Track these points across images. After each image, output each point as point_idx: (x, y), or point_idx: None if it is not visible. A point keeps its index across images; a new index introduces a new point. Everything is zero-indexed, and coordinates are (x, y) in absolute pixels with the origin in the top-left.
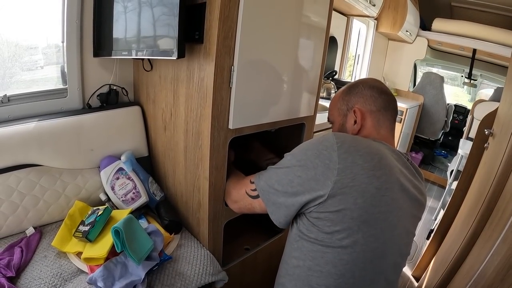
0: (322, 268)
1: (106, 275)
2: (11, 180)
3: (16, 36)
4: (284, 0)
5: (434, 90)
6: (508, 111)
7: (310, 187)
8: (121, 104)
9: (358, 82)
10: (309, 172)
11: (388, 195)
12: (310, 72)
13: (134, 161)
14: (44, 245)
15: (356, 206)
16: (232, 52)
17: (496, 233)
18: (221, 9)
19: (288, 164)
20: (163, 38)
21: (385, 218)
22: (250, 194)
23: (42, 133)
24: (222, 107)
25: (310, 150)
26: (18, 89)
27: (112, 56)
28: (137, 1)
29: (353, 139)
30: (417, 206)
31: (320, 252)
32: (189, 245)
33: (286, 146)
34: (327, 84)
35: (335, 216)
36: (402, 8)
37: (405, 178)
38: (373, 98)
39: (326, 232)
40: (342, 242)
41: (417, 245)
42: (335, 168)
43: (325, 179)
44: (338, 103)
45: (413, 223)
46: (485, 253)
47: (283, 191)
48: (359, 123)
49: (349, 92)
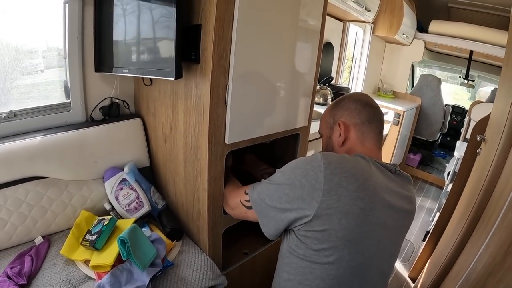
0: (311, 283)
1: (113, 281)
2: (19, 192)
3: (16, 41)
4: (277, 16)
5: (431, 92)
6: (499, 118)
7: (297, 205)
8: (123, 117)
9: (344, 96)
10: (296, 191)
11: (372, 214)
12: (303, 84)
13: (136, 172)
14: (52, 253)
15: (341, 227)
16: (227, 72)
17: (482, 240)
18: (216, 31)
19: (278, 181)
20: (161, 59)
21: (369, 236)
22: (244, 204)
23: (47, 147)
24: (218, 123)
25: (298, 169)
26: (18, 93)
27: (113, 72)
28: (135, 22)
29: (340, 159)
30: (405, 216)
31: (308, 268)
32: (190, 251)
33: (282, 156)
34: (324, 91)
35: (321, 235)
36: (399, 11)
37: (390, 194)
38: (357, 111)
39: (313, 249)
40: (328, 259)
41: (414, 247)
42: (321, 189)
43: (311, 199)
44: (326, 117)
45: (402, 232)
46: (471, 259)
47: (273, 206)
48: (343, 136)
49: (335, 106)
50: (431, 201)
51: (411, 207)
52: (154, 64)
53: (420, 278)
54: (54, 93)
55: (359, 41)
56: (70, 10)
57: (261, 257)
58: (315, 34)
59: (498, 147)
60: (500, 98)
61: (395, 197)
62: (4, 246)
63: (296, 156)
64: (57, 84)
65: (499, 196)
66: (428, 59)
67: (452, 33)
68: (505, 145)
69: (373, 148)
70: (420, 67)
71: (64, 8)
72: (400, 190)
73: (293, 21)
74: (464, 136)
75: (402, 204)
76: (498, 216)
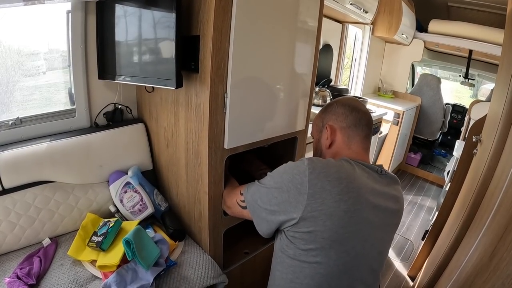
0: (302, 281)
1: (119, 280)
2: (27, 196)
3: (18, 43)
4: (272, 22)
5: (431, 92)
6: (493, 120)
7: (284, 208)
8: (126, 122)
9: (334, 101)
10: (283, 194)
11: (356, 215)
12: (301, 88)
13: (140, 175)
14: (60, 254)
15: (326, 228)
16: (225, 81)
17: (473, 240)
18: (214, 42)
19: (268, 185)
20: (162, 69)
21: (355, 236)
22: (240, 204)
23: (54, 152)
24: (217, 129)
25: (286, 174)
26: (21, 95)
27: (115, 80)
28: (137, 31)
29: (325, 164)
30: (393, 215)
31: (298, 267)
32: (192, 251)
33: (280, 158)
34: (323, 92)
35: (308, 236)
36: (397, 12)
37: (375, 195)
38: (344, 115)
39: (301, 249)
40: (316, 258)
41: (414, 246)
42: (305, 193)
43: (297, 203)
44: (317, 120)
45: (390, 230)
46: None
47: (264, 208)
48: (329, 139)
49: (325, 110)
50: (431, 200)
51: (398, 206)
52: (156, 74)
53: (418, 276)
54: (57, 95)
55: (359, 42)
56: (73, 19)
57: (261, 257)
58: (312, 38)
59: (491, 149)
60: (495, 99)
61: (380, 198)
62: (13, 248)
63: (294, 159)
64: (59, 86)
65: (490, 197)
66: (428, 59)
67: (452, 32)
68: (497, 147)
69: (359, 151)
70: (421, 66)
71: (67, 17)
72: (387, 190)
73: (290, 26)
74: (464, 136)
75: (388, 204)
76: (488, 217)
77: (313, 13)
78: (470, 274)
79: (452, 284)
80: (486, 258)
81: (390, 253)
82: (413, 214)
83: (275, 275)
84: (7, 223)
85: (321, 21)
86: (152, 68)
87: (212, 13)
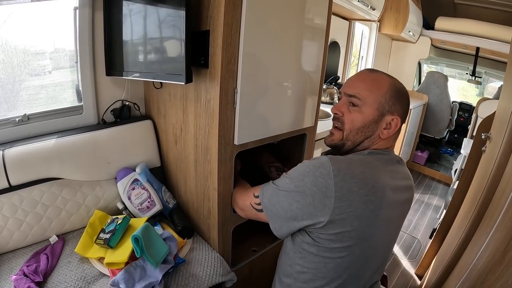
0: (325, 274)
1: (127, 277)
2: (35, 193)
3: (24, 43)
4: (282, 18)
5: (438, 89)
6: (502, 117)
7: (309, 212)
8: (134, 119)
9: (405, 91)
10: (307, 198)
11: (381, 212)
12: (310, 85)
13: (148, 172)
14: (67, 252)
15: (353, 228)
16: (235, 76)
17: (484, 237)
18: (224, 37)
19: (287, 188)
20: (171, 64)
21: (378, 232)
22: (255, 208)
23: (62, 149)
24: (227, 125)
25: (307, 176)
26: (27, 95)
27: (123, 76)
28: (145, 27)
29: (349, 164)
30: (407, 204)
31: (322, 263)
32: (200, 249)
33: (289, 156)
34: (330, 90)
35: (335, 237)
36: (404, 9)
37: (395, 191)
38: (406, 113)
39: (327, 247)
40: (341, 254)
41: (421, 244)
42: (332, 196)
43: (323, 206)
44: (382, 97)
45: (403, 219)
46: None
47: (284, 212)
48: (390, 132)
49: (397, 95)
50: (439, 198)
51: (411, 195)
52: (165, 69)
53: (426, 275)
54: (62, 94)
55: (365, 39)
56: (80, 15)
57: (270, 254)
58: (321, 34)
59: (501, 146)
60: (504, 96)
61: (398, 192)
62: (20, 245)
63: (303, 156)
64: (65, 85)
65: (501, 194)
66: (435, 56)
67: (459, 29)
68: (508, 144)
69: (392, 143)
70: (427, 64)
71: (75, 14)
72: (403, 183)
73: (299, 22)
74: (471, 134)
75: (404, 196)
76: (499, 215)
77: (322, 9)
78: (483, 271)
79: (463, 281)
80: (499, 255)
81: (397, 251)
82: (420, 213)
83: (295, 268)
84: (14, 220)
85: (329, 18)
86: (161, 64)
87: (222, 8)
